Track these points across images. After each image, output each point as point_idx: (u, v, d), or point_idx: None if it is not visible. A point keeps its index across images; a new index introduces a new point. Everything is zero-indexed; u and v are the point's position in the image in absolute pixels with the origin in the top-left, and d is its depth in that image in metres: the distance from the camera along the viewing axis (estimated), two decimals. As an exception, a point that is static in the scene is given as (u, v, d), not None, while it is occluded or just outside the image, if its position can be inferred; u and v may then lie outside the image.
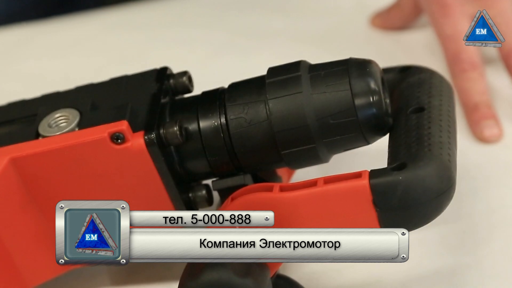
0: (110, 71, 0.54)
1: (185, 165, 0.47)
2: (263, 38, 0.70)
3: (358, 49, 0.52)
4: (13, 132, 0.48)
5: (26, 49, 0.75)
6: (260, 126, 0.46)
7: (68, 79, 0.66)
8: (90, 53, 0.73)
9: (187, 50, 0.71)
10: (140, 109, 0.47)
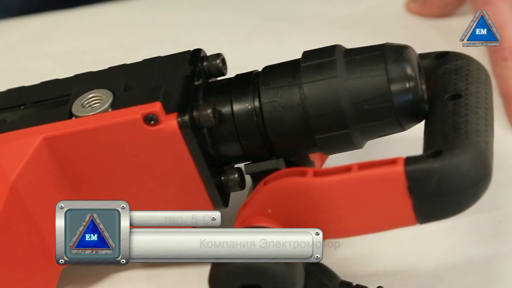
0: (143, 53, 0.54)
1: (218, 148, 0.47)
2: (297, 22, 0.70)
3: (394, 35, 0.52)
4: (46, 112, 0.48)
5: (59, 30, 0.75)
6: (294, 110, 0.46)
7: (100, 60, 0.66)
8: (123, 35, 0.73)
9: (220, 32, 0.70)
10: (174, 91, 0.46)
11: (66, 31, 0.75)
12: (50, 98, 0.50)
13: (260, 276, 0.40)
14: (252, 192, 0.44)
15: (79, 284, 0.51)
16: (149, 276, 0.51)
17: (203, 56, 0.49)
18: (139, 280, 0.51)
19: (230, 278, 0.40)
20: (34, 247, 0.47)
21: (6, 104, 0.50)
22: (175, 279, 0.51)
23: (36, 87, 0.51)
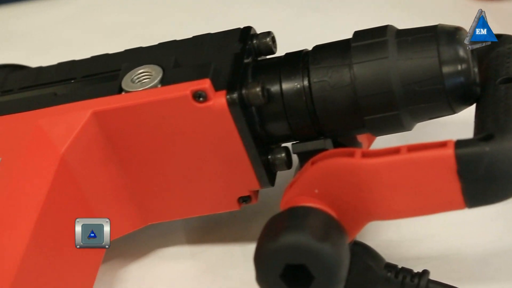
0: (192, 29, 0.54)
1: (266, 126, 0.47)
2: (348, 1, 0.69)
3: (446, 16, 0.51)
4: (96, 86, 0.49)
5: (110, 5, 0.75)
6: (344, 90, 0.45)
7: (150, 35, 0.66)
8: (173, 10, 0.74)
9: (270, 10, 0.70)
10: (223, 68, 0.46)
11: (118, 6, 0.75)
12: (100, 73, 0.50)
13: (306, 256, 0.40)
14: (299, 172, 0.44)
15: (125, 258, 0.52)
16: (194, 253, 0.52)
17: (253, 34, 0.49)
18: (184, 256, 0.52)
19: (276, 257, 0.40)
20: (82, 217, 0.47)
21: (57, 78, 0.51)
22: (219, 257, 0.51)
23: (87, 61, 0.52)
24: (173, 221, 0.52)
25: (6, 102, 0.50)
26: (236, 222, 0.53)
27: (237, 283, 0.49)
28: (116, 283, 0.50)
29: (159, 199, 0.49)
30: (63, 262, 0.45)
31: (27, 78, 0.52)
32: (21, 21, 0.77)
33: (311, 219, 0.41)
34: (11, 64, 0.56)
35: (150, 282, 0.50)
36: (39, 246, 0.43)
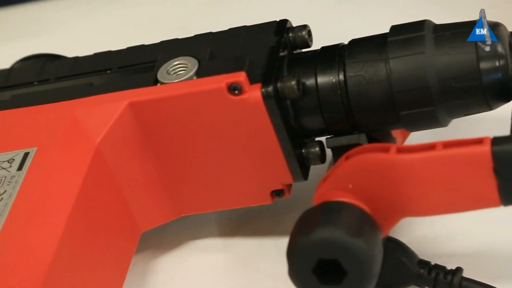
0: (228, 21, 0.54)
1: (300, 120, 0.47)
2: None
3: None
4: (132, 77, 0.49)
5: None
6: (379, 85, 0.45)
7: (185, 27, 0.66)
8: (209, 2, 0.74)
9: (306, 2, 0.70)
10: (258, 61, 0.46)
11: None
12: (136, 64, 0.50)
13: (339, 251, 0.39)
14: (332, 167, 0.44)
15: (157, 249, 0.52)
16: (225, 245, 0.52)
17: (289, 27, 0.49)
18: (216, 248, 0.52)
19: (309, 251, 0.40)
20: (115, 211, 0.47)
21: (93, 68, 0.51)
22: (251, 250, 0.51)
23: (123, 52, 0.52)
24: (205, 213, 0.52)
25: (43, 91, 0.51)
26: (268, 215, 0.53)
27: (268, 277, 0.49)
28: (148, 274, 0.51)
29: (192, 191, 0.49)
30: (96, 253, 0.45)
31: (64, 67, 0.52)
32: (58, 11, 0.78)
33: (344, 214, 0.41)
34: (48, 54, 0.57)
35: (182, 273, 0.51)
36: (73, 237, 0.43)
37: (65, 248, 0.42)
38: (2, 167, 0.45)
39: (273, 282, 0.48)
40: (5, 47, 0.73)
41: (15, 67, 0.55)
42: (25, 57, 0.57)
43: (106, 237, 0.46)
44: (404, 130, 0.49)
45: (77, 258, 0.43)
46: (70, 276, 0.42)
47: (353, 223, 0.41)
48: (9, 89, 0.52)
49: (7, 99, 0.51)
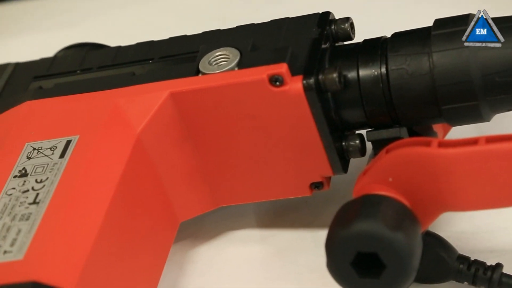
0: (270, 13, 0.54)
1: (341, 113, 0.47)
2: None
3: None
4: (173, 67, 0.49)
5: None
6: (422, 79, 0.45)
7: (226, 17, 0.66)
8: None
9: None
10: (300, 53, 0.46)
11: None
12: (177, 54, 0.50)
13: (378, 244, 0.39)
14: (373, 160, 0.44)
15: (195, 239, 0.52)
16: (263, 237, 0.52)
17: (331, 19, 0.49)
18: (254, 239, 0.52)
19: (348, 244, 0.40)
20: (155, 201, 0.48)
21: (135, 58, 0.51)
22: (289, 242, 0.51)
23: (165, 42, 0.52)
24: (244, 204, 0.52)
25: (85, 80, 0.51)
26: (307, 207, 0.53)
27: (305, 269, 0.49)
28: (186, 263, 0.51)
29: (231, 181, 0.49)
30: (136, 241, 0.45)
31: (106, 57, 0.52)
32: (101, 0, 0.78)
33: (384, 207, 0.41)
34: (90, 43, 0.57)
35: (219, 264, 0.51)
36: (113, 224, 0.43)
37: (105, 235, 0.42)
38: (44, 154, 0.46)
39: (310, 274, 0.48)
40: (48, 36, 0.74)
41: (58, 55, 0.56)
42: (68, 46, 0.57)
43: (146, 226, 0.46)
44: (445, 125, 0.49)
45: (117, 245, 0.44)
46: (110, 263, 0.43)
47: (393, 217, 0.40)
48: (52, 77, 0.52)
49: (50, 87, 0.51)
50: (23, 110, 0.49)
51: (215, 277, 0.50)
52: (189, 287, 0.49)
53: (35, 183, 0.44)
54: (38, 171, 0.45)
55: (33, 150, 0.46)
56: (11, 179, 0.45)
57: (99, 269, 0.42)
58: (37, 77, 0.53)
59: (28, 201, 0.43)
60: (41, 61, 0.55)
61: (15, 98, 0.51)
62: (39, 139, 0.47)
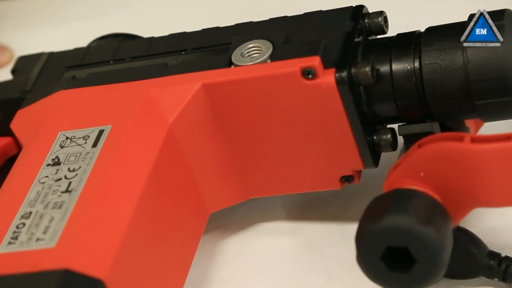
0: (302, 5, 0.53)
1: (373, 107, 0.47)
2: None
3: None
4: (206, 59, 0.49)
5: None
6: (455, 74, 0.44)
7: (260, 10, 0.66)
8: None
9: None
10: (333, 46, 0.46)
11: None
12: (210, 46, 0.50)
13: (409, 239, 0.39)
14: (404, 154, 0.43)
15: (225, 230, 0.52)
16: (293, 229, 0.52)
17: (365, 13, 0.49)
18: (283, 231, 0.52)
19: (378, 238, 0.40)
20: (186, 191, 0.48)
21: (168, 49, 0.51)
22: (318, 234, 0.51)
23: (198, 34, 0.52)
24: (274, 196, 0.52)
25: (118, 70, 0.51)
26: (337, 201, 0.53)
27: (334, 262, 0.49)
28: (215, 254, 0.51)
29: (261, 173, 0.49)
30: (166, 231, 0.46)
31: (139, 47, 0.52)
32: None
33: (415, 202, 0.41)
34: (123, 34, 0.57)
35: (248, 255, 0.51)
36: (144, 214, 0.43)
37: (136, 224, 0.43)
38: (77, 143, 0.46)
39: (339, 268, 0.48)
40: (82, 26, 0.74)
41: (91, 45, 0.56)
42: (101, 36, 0.57)
43: (176, 216, 0.47)
44: (477, 120, 0.49)
45: (148, 235, 0.44)
46: (141, 253, 0.43)
47: (424, 212, 0.40)
48: (86, 67, 0.53)
49: (84, 77, 0.51)
50: (56, 99, 0.50)
51: (244, 268, 0.50)
52: (218, 277, 0.50)
53: (68, 171, 0.45)
54: (71, 160, 0.45)
55: (66, 139, 0.47)
56: (44, 168, 0.45)
57: (130, 258, 0.42)
58: (71, 67, 0.53)
59: (61, 190, 0.44)
60: (75, 51, 0.55)
61: (49, 87, 0.51)
62: (72, 128, 0.47)
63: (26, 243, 0.41)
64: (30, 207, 0.43)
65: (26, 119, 0.51)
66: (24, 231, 0.42)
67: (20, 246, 0.41)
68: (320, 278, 0.48)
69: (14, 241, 0.42)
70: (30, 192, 0.44)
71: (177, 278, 0.47)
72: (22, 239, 0.41)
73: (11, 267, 0.40)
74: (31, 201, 0.43)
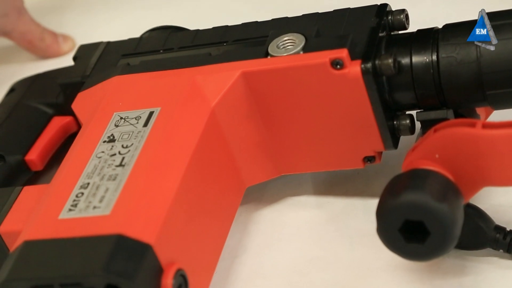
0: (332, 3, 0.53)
1: (394, 95, 0.46)
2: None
3: None
4: (245, 49, 0.49)
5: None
6: (469, 67, 0.44)
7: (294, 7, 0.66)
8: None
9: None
10: (359, 40, 0.46)
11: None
12: (249, 38, 0.50)
13: (425, 213, 0.39)
14: (421, 138, 0.43)
15: (259, 203, 0.52)
16: (319, 203, 0.52)
17: (388, 10, 0.48)
18: (311, 205, 0.52)
19: (397, 212, 0.40)
20: (225, 167, 0.48)
21: (212, 40, 0.51)
22: (342, 208, 0.51)
23: (238, 27, 0.52)
24: (303, 173, 0.52)
25: (167, 59, 0.51)
26: (359, 178, 0.52)
27: (356, 233, 0.49)
28: (250, 223, 0.51)
29: (292, 153, 0.49)
30: (208, 202, 0.46)
31: (186, 38, 0.52)
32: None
33: (431, 180, 0.40)
34: (172, 26, 0.57)
35: (280, 225, 0.51)
36: (188, 186, 0.44)
37: (181, 196, 0.43)
38: (130, 123, 0.46)
39: (361, 238, 0.48)
40: (136, 18, 0.74)
41: (144, 36, 0.56)
42: (153, 28, 0.57)
43: (216, 189, 0.47)
44: (487, 108, 0.48)
45: (191, 205, 0.44)
46: (185, 221, 0.43)
47: (438, 189, 0.40)
48: (138, 56, 0.53)
49: (137, 64, 0.51)
50: (112, 83, 0.50)
51: (275, 237, 0.50)
52: (252, 245, 0.50)
53: (122, 148, 0.45)
54: (124, 137, 0.45)
55: (120, 119, 0.47)
56: (100, 144, 0.46)
57: (175, 226, 0.42)
58: (125, 55, 0.53)
59: (115, 164, 0.44)
60: (129, 41, 0.55)
61: (106, 73, 0.51)
62: (126, 110, 0.47)
63: (84, 210, 0.42)
64: (88, 179, 0.43)
65: (85, 100, 0.51)
66: (82, 199, 0.42)
67: (79, 213, 0.42)
68: (344, 247, 0.48)
69: (74, 208, 0.42)
70: (88, 165, 0.44)
71: (216, 245, 0.47)
72: (81, 207, 0.42)
73: (71, 231, 0.41)
74: (89, 174, 0.44)
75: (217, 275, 0.47)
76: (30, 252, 0.41)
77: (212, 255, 0.46)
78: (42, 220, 0.42)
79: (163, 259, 0.40)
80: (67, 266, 0.39)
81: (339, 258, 0.47)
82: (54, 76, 0.57)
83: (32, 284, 0.39)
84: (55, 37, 0.71)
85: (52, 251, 0.40)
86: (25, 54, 0.72)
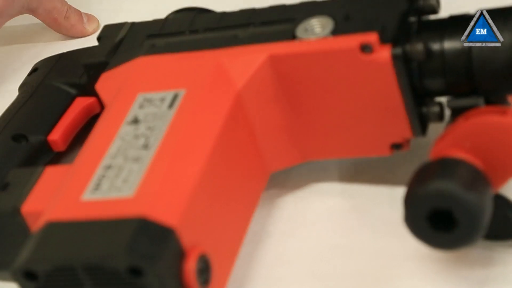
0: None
1: (424, 81, 0.46)
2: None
3: None
4: (272, 32, 0.48)
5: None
6: (502, 53, 0.43)
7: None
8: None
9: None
10: (390, 24, 0.45)
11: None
12: (277, 20, 0.50)
13: (453, 202, 0.39)
14: (451, 125, 0.43)
15: (283, 188, 0.52)
16: (344, 190, 0.51)
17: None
18: (335, 192, 0.51)
19: (425, 200, 0.39)
20: (250, 151, 0.47)
21: (239, 22, 0.51)
22: (367, 196, 0.50)
23: (265, 10, 0.51)
24: (328, 160, 0.52)
25: (193, 40, 0.51)
26: (385, 166, 0.52)
27: (381, 221, 0.48)
28: (274, 209, 0.51)
29: (318, 138, 0.49)
30: (232, 187, 0.46)
31: (212, 20, 0.52)
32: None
33: (460, 169, 0.40)
34: (198, 8, 0.57)
35: (303, 212, 0.50)
36: (213, 169, 0.43)
37: (205, 179, 0.43)
38: (154, 105, 0.46)
39: (385, 227, 0.48)
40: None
41: (169, 17, 0.55)
42: (178, 10, 0.57)
43: (240, 173, 0.46)
44: (519, 97, 0.47)
45: (216, 189, 0.44)
46: (209, 204, 0.43)
47: (467, 178, 0.40)
48: (164, 37, 0.52)
49: (162, 46, 0.51)
50: (137, 64, 0.50)
51: (299, 222, 0.50)
52: (276, 230, 0.49)
53: (145, 129, 0.45)
54: (148, 119, 0.45)
55: (145, 101, 0.46)
56: (124, 125, 0.45)
57: (198, 210, 0.42)
58: (150, 36, 0.53)
59: (139, 145, 0.44)
60: (154, 22, 0.55)
61: (131, 53, 0.51)
62: (150, 91, 0.47)
63: (107, 191, 0.41)
64: (112, 160, 0.43)
65: (109, 81, 0.51)
66: (105, 180, 0.42)
67: (102, 194, 0.41)
68: (367, 235, 0.48)
69: (97, 189, 0.42)
70: (112, 146, 0.44)
71: (240, 229, 0.47)
72: (104, 188, 0.42)
73: (93, 213, 0.41)
74: (113, 155, 0.44)
75: (239, 261, 0.46)
76: (52, 234, 0.40)
77: (235, 240, 0.46)
78: (64, 201, 0.42)
79: (186, 243, 0.40)
80: (89, 249, 0.39)
81: (363, 246, 0.47)
82: (78, 56, 0.57)
83: (53, 266, 0.39)
84: (80, 16, 0.71)
85: (74, 233, 0.40)
86: (49, 34, 0.72)
